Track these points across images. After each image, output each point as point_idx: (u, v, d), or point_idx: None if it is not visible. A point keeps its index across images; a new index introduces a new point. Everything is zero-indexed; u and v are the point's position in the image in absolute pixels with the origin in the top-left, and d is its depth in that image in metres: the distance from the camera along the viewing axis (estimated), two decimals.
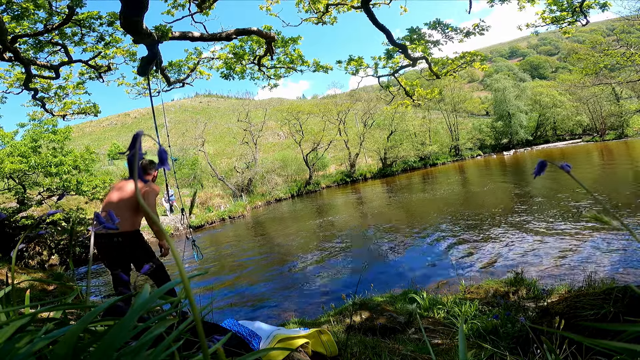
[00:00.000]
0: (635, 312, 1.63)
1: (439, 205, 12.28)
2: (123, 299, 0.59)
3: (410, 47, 6.64)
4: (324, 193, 24.82)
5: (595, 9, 6.01)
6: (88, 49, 6.21)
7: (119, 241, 2.79)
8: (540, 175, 0.57)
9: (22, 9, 4.82)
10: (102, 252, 2.86)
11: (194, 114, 75.02)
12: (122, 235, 2.80)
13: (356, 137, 30.68)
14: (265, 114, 29.58)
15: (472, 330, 2.76)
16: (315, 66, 7.30)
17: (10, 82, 7.02)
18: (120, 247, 2.81)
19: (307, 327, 3.06)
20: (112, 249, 2.81)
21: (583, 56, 21.21)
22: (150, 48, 4.83)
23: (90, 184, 10.61)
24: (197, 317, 0.36)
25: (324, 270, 6.88)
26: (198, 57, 7.19)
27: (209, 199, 22.04)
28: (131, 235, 2.87)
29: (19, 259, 9.33)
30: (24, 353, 0.40)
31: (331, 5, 6.29)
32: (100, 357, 0.34)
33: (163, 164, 0.40)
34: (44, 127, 10.55)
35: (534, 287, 3.98)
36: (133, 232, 2.89)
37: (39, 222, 8.89)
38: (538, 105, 40.47)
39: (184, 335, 0.55)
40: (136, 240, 2.92)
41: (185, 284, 0.37)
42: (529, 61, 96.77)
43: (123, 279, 2.20)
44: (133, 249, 2.88)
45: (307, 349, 1.94)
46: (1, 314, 0.62)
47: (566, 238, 6.41)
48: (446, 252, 6.84)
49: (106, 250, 2.83)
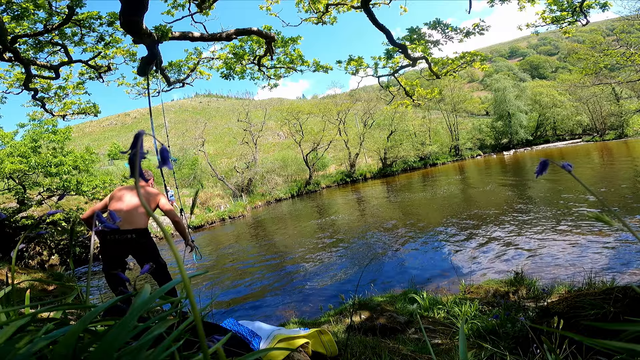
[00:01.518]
0: (636, 312, 1.63)
1: (439, 205, 12.28)
2: (123, 299, 0.59)
3: (410, 47, 6.64)
4: (324, 193, 24.82)
5: (595, 9, 6.02)
6: (88, 49, 6.21)
7: (132, 237, 2.88)
8: (542, 174, 0.57)
9: (22, 9, 4.82)
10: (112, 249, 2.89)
11: (193, 114, 75.06)
12: (135, 232, 2.90)
13: (356, 137, 30.68)
14: (265, 114, 29.55)
15: (472, 330, 2.76)
16: (315, 66, 7.30)
17: (10, 82, 7.02)
18: (131, 244, 2.89)
19: (307, 327, 3.06)
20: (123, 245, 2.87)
21: (583, 56, 21.20)
22: (150, 48, 4.83)
23: (90, 184, 10.60)
24: (197, 317, 0.36)
25: (324, 270, 6.88)
26: (198, 57, 7.19)
27: (209, 199, 22.04)
28: (143, 231, 2.98)
29: (19, 259, 9.33)
30: (24, 353, 0.40)
31: (331, 5, 6.29)
32: (100, 357, 0.34)
33: (165, 163, 0.40)
34: (44, 127, 10.54)
35: (534, 287, 3.98)
36: (145, 230, 3.01)
37: (39, 222, 8.89)
38: (538, 105, 40.50)
39: (184, 335, 0.55)
40: (148, 237, 3.03)
41: (185, 283, 0.37)
42: (529, 61, 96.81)
43: (123, 278, 2.21)
44: (144, 245, 2.97)
45: (307, 349, 1.94)
46: (1, 314, 0.62)
47: (566, 238, 6.41)
48: (446, 252, 6.84)
49: (116, 246, 2.87)
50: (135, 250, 2.95)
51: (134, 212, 2.95)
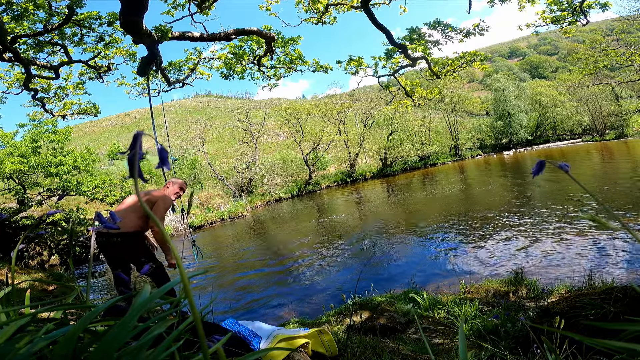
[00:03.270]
0: (636, 312, 1.63)
1: (439, 205, 12.28)
2: (124, 299, 0.59)
3: (410, 47, 6.64)
4: (324, 193, 24.82)
5: (595, 9, 6.01)
6: (88, 49, 6.21)
7: (117, 241, 2.83)
8: (539, 174, 0.57)
9: (22, 9, 4.82)
10: (101, 251, 2.91)
11: (193, 114, 75.04)
12: (121, 236, 2.84)
13: (356, 137, 30.67)
14: (265, 114, 29.54)
15: (472, 330, 2.76)
16: (315, 66, 7.30)
17: (10, 82, 7.02)
18: (118, 247, 2.84)
19: (307, 327, 3.06)
20: (110, 248, 2.85)
21: (583, 56, 21.22)
22: (150, 48, 4.83)
23: (90, 184, 10.61)
24: (197, 317, 0.36)
25: (324, 270, 6.88)
26: (198, 57, 7.19)
27: (209, 199, 22.04)
28: (131, 235, 2.90)
29: (19, 259, 9.33)
30: (24, 353, 0.40)
31: (331, 5, 6.29)
32: (100, 357, 0.34)
33: (163, 164, 0.40)
34: (44, 128, 10.55)
35: (534, 287, 3.98)
36: (133, 233, 2.92)
37: (39, 222, 8.89)
38: (538, 105, 40.49)
39: (184, 335, 0.55)
40: (136, 241, 2.94)
41: (185, 283, 0.37)
42: (528, 61, 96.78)
43: (123, 278, 2.21)
44: (132, 249, 2.91)
45: (308, 349, 1.94)
46: (1, 314, 0.62)
47: (566, 238, 6.41)
48: (446, 252, 6.84)
49: (104, 248, 2.88)
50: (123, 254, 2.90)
51: (125, 215, 2.92)
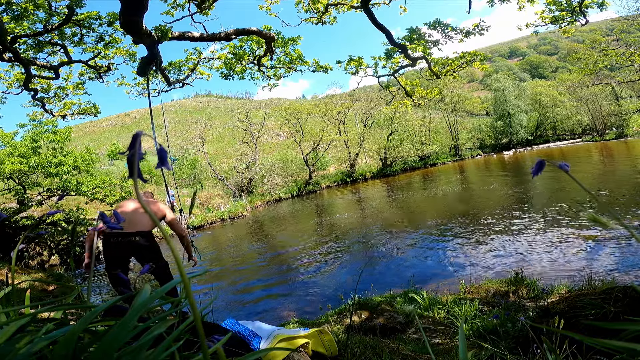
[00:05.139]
0: (636, 312, 1.63)
1: (439, 205, 12.28)
2: (124, 299, 0.59)
3: (410, 47, 6.64)
4: (324, 193, 24.82)
5: (593, 9, 6.02)
6: (88, 49, 6.21)
7: (136, 240, 2.90)
8: (538, 174, 0.56)
9: (22, 10, 4.82)
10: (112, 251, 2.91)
11: (193, 114, 75.02)
12: (139, 234, 2.92)
13: (356, 137, 30.65)
14: (265, 114, 29.53)
15: (472, 330, 2.76)
16: (315, 66, 7.30)
17: (10, 82, 7.02)
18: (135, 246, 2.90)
19: (307, 327, 3.06)
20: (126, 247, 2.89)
21: (583, 56, 21.23)
22: (150, 48, 4.83)
23: (90, 185, 10.60)
24: (197, 317, 0.36)
25: (324, 270, 6.88)
26: (198, 57, 7.19)
27: (209, 199, 22.04)
28: (147, 234, 3.01)
29: (19, 259, 9.33)
30: (24, 353, 0.40)
31: (331, 5, 6.29)
32: (100, 357, 0.34)
33: (163, 164, 0.40)
34: (44, 128, 10.54)
35: (534, 287, 3.98)
36: (150, 232, 3.04)
37: (39, 222, 8.90)
38: (538, 104, 40.48)
39: (184, 335, 0.55)
40: (153, 238, 3.05)
41: (185, 283, 0.37)
42: (528, 61, 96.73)
43: (122, 278, 2.21)
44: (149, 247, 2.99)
45: (308, 349, 1.94)
46: (1, 314, 0.62)
47: (566, 238, 6.41)
48: (446, 252, 6.84)
49: (118, 248, 2.90)
50: (138, 252, 2.97)
51: (138, 215, 2.99)
